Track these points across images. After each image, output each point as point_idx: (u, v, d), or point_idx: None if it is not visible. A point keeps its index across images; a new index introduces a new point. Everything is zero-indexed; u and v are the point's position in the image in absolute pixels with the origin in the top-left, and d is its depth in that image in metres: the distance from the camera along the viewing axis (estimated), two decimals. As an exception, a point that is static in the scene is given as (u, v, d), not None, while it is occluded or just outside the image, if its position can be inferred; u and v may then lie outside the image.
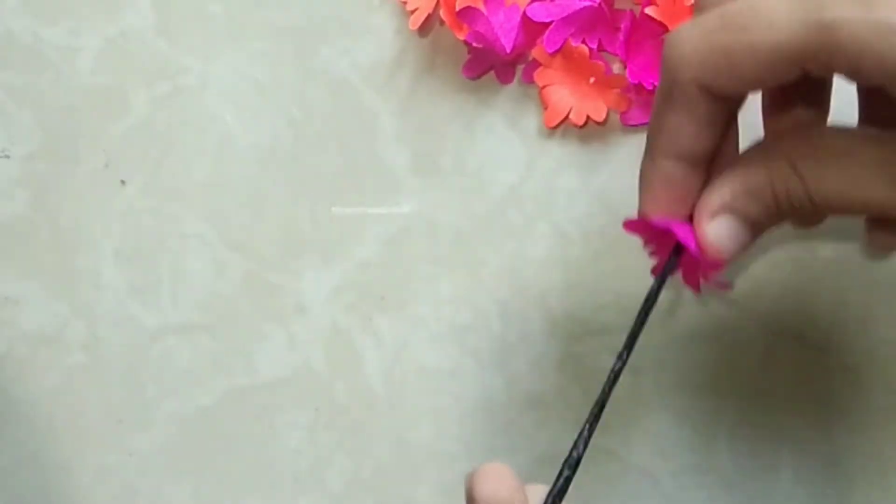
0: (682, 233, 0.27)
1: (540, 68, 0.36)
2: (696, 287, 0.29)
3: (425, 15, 0.36)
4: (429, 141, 0.38)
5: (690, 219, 0.27)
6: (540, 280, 0.38)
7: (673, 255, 0.28)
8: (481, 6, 0.35)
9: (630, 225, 0.28)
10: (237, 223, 0.39)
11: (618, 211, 0.38)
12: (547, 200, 0.38)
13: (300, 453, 0.39)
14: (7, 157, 0.40)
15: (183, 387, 0.39)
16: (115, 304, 0.39)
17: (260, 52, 0.39)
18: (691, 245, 0.27)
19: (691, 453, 0.38)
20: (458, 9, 0.35)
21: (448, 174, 0.38)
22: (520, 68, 0.37)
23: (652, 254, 0.30)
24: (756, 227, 0.27)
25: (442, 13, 0.36)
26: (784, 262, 0.37)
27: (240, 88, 0.39)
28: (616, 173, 0.38)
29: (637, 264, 0.37)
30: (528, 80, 0.37)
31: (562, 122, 0.37)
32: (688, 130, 0.26)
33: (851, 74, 0.24)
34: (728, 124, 0.27)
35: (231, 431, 0.39)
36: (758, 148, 0.28)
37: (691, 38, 0.25)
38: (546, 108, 0.37)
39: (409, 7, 0.37)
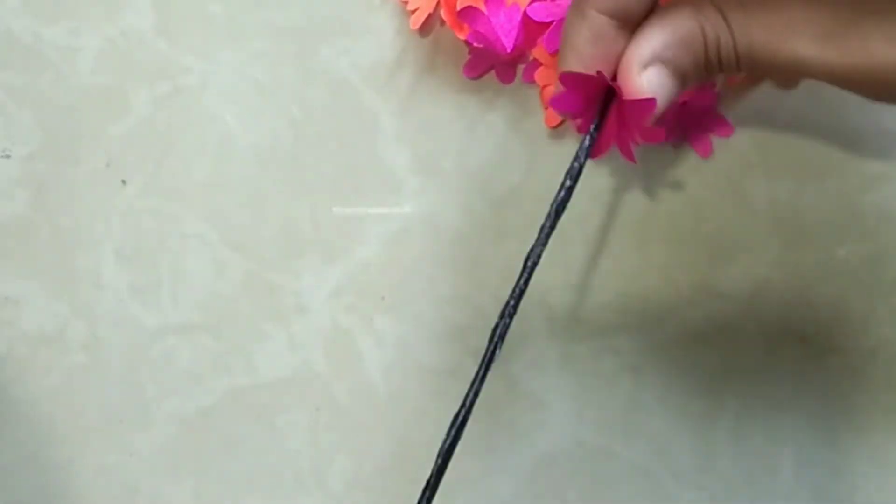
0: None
1: (541, 68, 0.36)
2: (629, 150, 0.28)
3: (426, 15, 0.36)
4: (429, 141, 0.38)
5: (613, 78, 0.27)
6: (540, 280, 0.38)
7: (603, 103, 0.27)
8: (482, 6, 0.35)
9: (563, 77, 0.27)
10: (237, 223, 0.39)
11: (619, 211, 0.38)
12: (547, 200, 0.38)
13: (300, 453, 0.39)
14: (7, 156, 0.40)
15: (183, 387, 0.39)
16: (116, 303, 0.40)
17: (260, 52, 0.39)
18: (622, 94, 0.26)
19: (692, 454, 0.38)
20: (458, 9, 0.35)
21: (448, 174, 0.38)
22: (520, 68, 0.37)
23: (579, 128, 0.29)
24: (685, 78, 0.26)
25: (442, 13, 0.36)
26: (784, 262, 0.37)
27: (240, 88, 0.39)
28: (617, 173, 0.38)
29: (638, 264, 0.38)
30: (529, 79, 0.37)
31: (562, 122, 0.37)
32: None
33: None
34: None
35: (231, 431, 0.39)
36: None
37: None
38: (547, 108, 0.37)
39: (410, 7, 0.37)
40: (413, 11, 0.37)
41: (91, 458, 0.40)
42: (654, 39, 0.26)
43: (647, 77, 0.26)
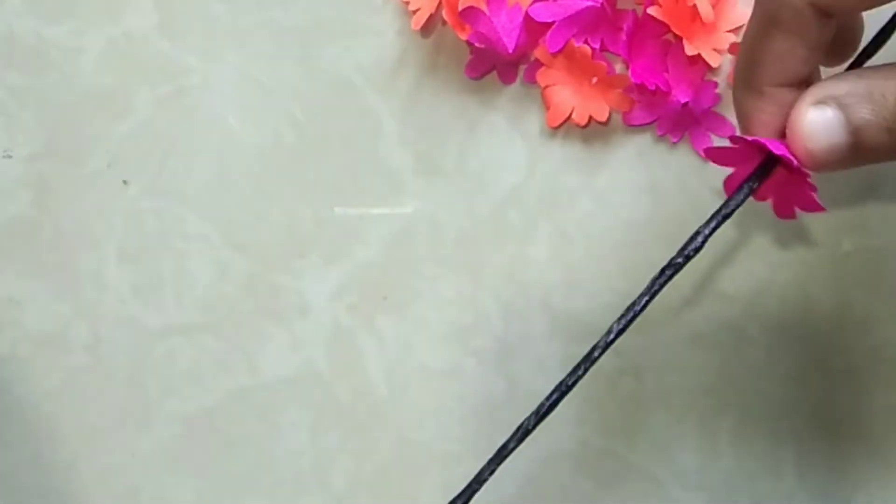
0: (773, 145, 0.25)
1: (542, 68, 0.36)
2: (788, 211, 0.27)
3: (427, 15, 0.36)
4: (431, 141, 0.38)
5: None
6: (542, 280, 0.38)
7: (761, 168, 0.26)
8: (483, 6, 0.35)
9: (713, 153, 0.27)
10: (240, 223, 0.39)
11: (620, 211, 0.37)
12: (549, 201, 0.38)
13: (302, 453, 0.39)
14: (10, 157, 0.40)
15: (185, 387, 0.39)
16: (118, 304, 0.40)
17: (262, 52, 0.39)
18: (783, 152, 0.25)
19: (694, 454, 0.38)
20: (460, 9, 0.35)
21: (450, 174, 0.38)
22: (522, 68, 0.37)
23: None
24: (859, 137, 0.24)
25: (444, 13, 0.36)
26: (786, 263, 0.37)
27: (242, 89, 0.39)
28: (618, 173, 0.37)
29: (639, 264, 0.38)
30: (531, 80, 0.37)
31: (564, 122, 0.37)
32: (798, 55, 0.24)
33: None
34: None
35: (233, 432, 0.39)
36: (888, 62, 0.25)
37: None
38: (548, 109, 0.37)
39: (412, 7, 0.37)
40: (415, 12, 0.37)
41: (93, 459, 0.40)
42: (838, 83, 0.24)
43: (813, 113, 0.24)
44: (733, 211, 0.26)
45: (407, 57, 0.38)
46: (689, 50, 0.35)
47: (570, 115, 0.37)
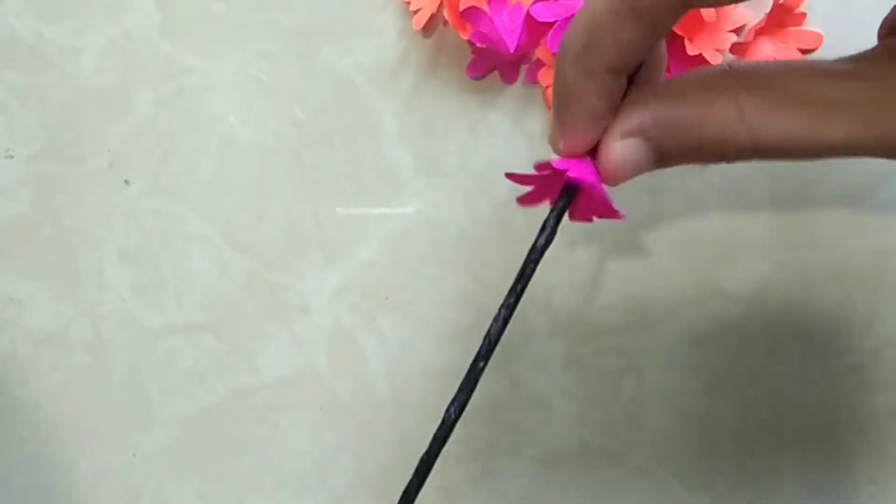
0: (573, 170, 0.25)
1: (544, 68, 0.36)
2: (585, 217, 0.28)
3: (429, 15, 0.36)
4: (432, 141, 0.38)
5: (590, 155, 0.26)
6: (543, 280, 0.38)
7: (566, 191, 0.26)
8: (485, 6, 0.35)
9: (516, 178, 0.27)
10: (241, 223, 0.39)
11: (622, 212, 0.37)
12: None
13: (304, 453, 0.39)
14: (11, 157, 0.40)
15: (186, 387, 0.39)
16: (119, 304, 0.39)
17: (263, 52, 0.39)
18: (581, 176, 0.25)
19: (696, 454, 0.38)
20: (461, 9, 0.35)
21: (452, 174, 0.38)
22: (524, 68, 0.38)
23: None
24: (665, 160, 0.25)
25: (446, 13, 0.36)
26: (788, 263, 0.37)
27: (243, 88, 0.39)
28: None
29: (641, 265, 0.38)
30: (532, 80, 0.37)
31: (565, 122, 0.37)
32: (645, 45, 0.23)
33: None
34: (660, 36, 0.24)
35: (235, 431, 0.39)
36: (698, 77, 0.24)
37: None
38: (550, 109, 0.37)
39: (413, 7, 0.37)
40: (416, 12, 0.37)
41: (94, 459, 0.40)
42: (646, 113, 0.24)
43: (621, 146, 0.25)
44: (548, 244, 0.27)
45: (408, 57, 0.38)
46: (691, 50, 0.35)
47: (572, 115, 0.37)
